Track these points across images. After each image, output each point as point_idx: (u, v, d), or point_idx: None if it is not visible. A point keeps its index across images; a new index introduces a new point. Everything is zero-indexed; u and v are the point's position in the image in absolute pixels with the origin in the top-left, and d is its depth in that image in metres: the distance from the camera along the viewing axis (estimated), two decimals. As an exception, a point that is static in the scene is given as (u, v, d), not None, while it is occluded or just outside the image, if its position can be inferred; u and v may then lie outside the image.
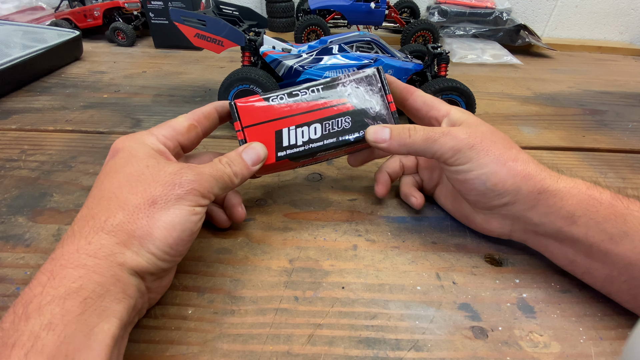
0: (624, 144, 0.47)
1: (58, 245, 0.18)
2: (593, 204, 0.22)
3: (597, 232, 0.22)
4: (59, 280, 0.16)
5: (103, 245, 0.18)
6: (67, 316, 0.15)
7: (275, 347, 0.21)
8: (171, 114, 0.50)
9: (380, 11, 0.82)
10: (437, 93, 0.44)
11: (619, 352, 0.22)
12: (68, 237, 0.18)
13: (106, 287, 0.17)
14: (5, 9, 0.88)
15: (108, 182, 0.20)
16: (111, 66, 0.68)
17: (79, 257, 0.17)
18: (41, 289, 0.16)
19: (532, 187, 0.24)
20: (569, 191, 0.23)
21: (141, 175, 0.20)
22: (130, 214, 0.19)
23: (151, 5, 0.75)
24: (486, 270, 0.27)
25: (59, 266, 0.17)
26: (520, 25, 0.89)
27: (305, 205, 0.33)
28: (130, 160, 0.21)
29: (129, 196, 0.20)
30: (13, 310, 0.16)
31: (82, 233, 0.18)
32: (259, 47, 0.47)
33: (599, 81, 0.72)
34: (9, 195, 0.33)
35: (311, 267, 0.27)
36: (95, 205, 0.20)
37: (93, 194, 0.20)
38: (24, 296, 0.16)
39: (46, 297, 0.16)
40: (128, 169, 0.21)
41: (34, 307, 0.15)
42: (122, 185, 0.20)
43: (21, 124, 0.45)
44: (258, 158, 0.26)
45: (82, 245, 0.18)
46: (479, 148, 0.24)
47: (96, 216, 0.19)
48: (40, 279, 0.17)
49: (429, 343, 0.22)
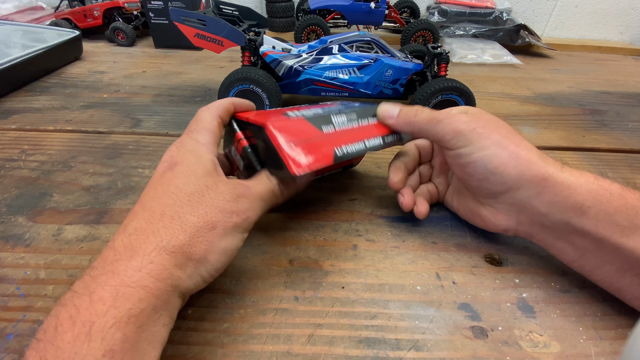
0: (624, 144, 0.47)
1: (113, 256, 0.17)
2: (603, 194, 0.21)
3: (608, 224, 0.21)
4: (122, 301, 0.16)
5: (164, 267, 0.17)
6: (127, 343, 0.15)
7: (275, 347, 0.21)
8: (171, 114, 0.50)
9: (380, 11, 0.82)
10: (437, 93, 0.44)
11: (619, 352, 0.22)
12: (126, 248, 0.18)
13: (160, 312, 0.17)
14: (5, 8, 0.88)
15: (169, 198, 0.20)
16: (111, 66, 0.68)
17: (142, 277, 0.17)
18: (105, 308, 0.15)
19: (537, 173, 0.23)
20: (576, 179, 0.22)
21: (202, 197, 0.20)
22: (191, 236, 0.19)
23: (151, 5, 0.75)
24: (486, 270, 0.27)
25: (122, 285, 0.16)
26: (520, 25, 0.89)
27: (305, 205, 0.33)
28: (191, 178, 0.21)
29: (191, 218, 0.19)
30: (72, 324, 0.15)
31: (144, 250, 0.18)
32: (259, 47, 0.47)
33: (599, 81, 0.72)
34: (9, 195, 0.33)
35: (311, 267, 0.27)
36: (156, 221, 0.19)
37: (152, 207, 0.19)
38: (84, 312, 0.15)
39: (109, 319, 0.15)
40: (189, 187, 0.20)
41: (97, 329, 0.15)
42: (184, 204, 0.20)
43: (21, 124, 0.45)
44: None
45: (145, 264, 0.17)
46: (480, 131, 0.25)
47: (157, 233, 0.18)
48: (103, 296, 0.16)
49: (429, 343, 0.22)
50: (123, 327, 0.15)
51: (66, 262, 0.26)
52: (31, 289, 0.24)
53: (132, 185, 0.35)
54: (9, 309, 0.23)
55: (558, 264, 0.27)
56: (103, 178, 0.36)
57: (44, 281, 0.25)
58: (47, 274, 0.25)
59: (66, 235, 0.29)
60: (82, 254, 0.27)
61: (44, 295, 0.24)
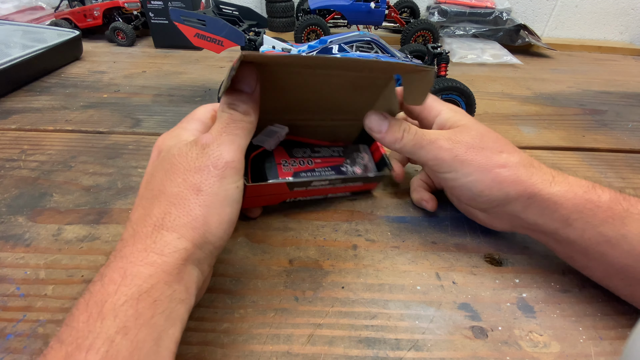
0: (624, 144, 0.47)
1: (121, 245, 0.18)
2: (590, 208, 0.22)
3: (594, 235, 0.22)
4: (131, 279, 0.16)
5: (168, 243, 0.18)
6: (140, 319, 0.15)
7: (275, 347, 0.21)
8: (171, 114, 0.50)
9: (380, 11, 0.82)
10: (437, 93, 0.44)
11: (619, 352, 0.22)
12: (131, 236, 0.18)
13: (173, 286, 0.17)
14: (5, 8, 0.88)
15: (155, 181, 0.20)
16: (111, 66, 0.68)
17: (148, 256, 0.17)
18: (115, 287, 0.16)
19: (522, 192, 0.23)
20: (563, 195, 0.23)
21: (175, 167, 0.20)
22: (183, 207, 0.19)
23: (151, 5, 0.75)
24: (486, 270, 0.27)
25: (130, 263, 0.17)
26: (520, 25, 0.89)
27: (305, 205, 0.33)
28: (170, 157, 0.21)
29: (174, 189, 0.19)
30: (85, 306, 0.15)
31: (145, 232, 0.18)
32: (259, 47, 0.47)
33: (599, 81, 0.72)
34: (9, 195, 0.33)
35: (311, 267, 0.27)
36: (149, 204, 0.19)
37: (144, 194, 0.20)
38: (96, 293, 0.16)
39: (120, 297, 0.15)
40: (166, 164, 0.21)
41: (108, 307, 0.15)
42: (164, 180, 0.20)
43: (21, 124, 0.45)
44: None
45: (149, 244, 0.17)
46: (462, 157, 0.24)
47: (153, 215, 0.19)
48: (113, 277, 0.16)
49: (429, 343, 0.22)
50: (135, 303, 0.15)
51: (66, 262, 0.26)
52: (31, 289, 0.24)
53: (132, 185, 0.35)
54: (9, 309, 0.23)
55: (558, 264, 0.27)
56: (103, 178, 0.36)
57: (43, 281, 0.25)
58: (47, 274, 0.25)
59: (66, 235, 0.29)
60: (82, 254, 0.27)
61: (44, 295, 0.24)
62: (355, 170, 0.31)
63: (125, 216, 0.31)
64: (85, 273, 0.25)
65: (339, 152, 0.32)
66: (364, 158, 0.33)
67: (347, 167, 0.31)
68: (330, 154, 0.31)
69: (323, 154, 0.31)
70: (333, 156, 0.31)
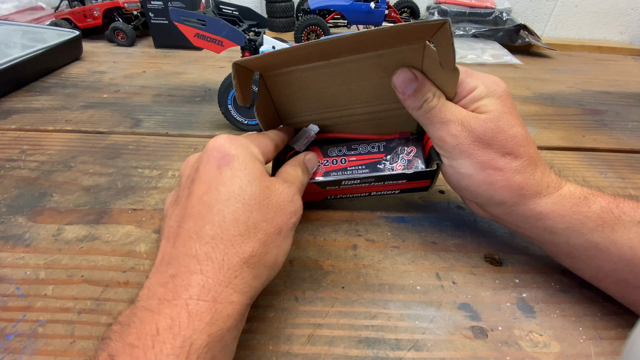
0: (624, 144, 0.47)
1: (197, 263, 0.17)
2: (578, 218, 0.22)
3: (581, 242, 0.22)
4: (217, 318, 0.16)
5: (246, 281, 0.17)
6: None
7: (275, 347, 0.21)
8: (171, 114, 0.50)
9: (380, 11, 0.82)
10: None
11: (618, 352, 0.22)
12: (208, 258, 0.17)
13: (238, 327, 0.17)
14: (5, 8, 0.88)
15: (236, 201, 0.18)
16: (111, 66, 0.68)
17: (229, 294, 0.16)
18: (202, 325, 0.15)
19: (508, 199, 0.23)
20: (549, 207, 0.22)
21: (267, 200, 0.19)
22: (264, 243, 0.18)
23: (151, 5, 0.75)
24: (486, 270, 0.27)
25: (207, 292, 0.16)
26: (520, 25, 0.89)
27: (305, 206, 0.33)
28: (251, 177, 0.19)
29: (262, 224, 0.19)
30: (172, 336, 0.14)
31: (229, 263, 0.17)
32: (259, 47, 0.47)
33: (599, 81, 0.72)
34: (9, 195, 0.33)
35: (311, 267, 0.27)
36: (230, 227, 0.18)
37: (221, 212, 0.18)
38: (184, 326, 0.15)
39: (204, 338, 0.15)
40: (253, 189, 0.19)
41: (194, 348, 0.15)
42: (253, 209, 0.18)
43: (21, 124, 0.45)
44: (313, 167, 0.26)
45: (231, 280, 0.17)
46: (463, 148, 0.23)
47: (236, 243, 0.17)
48: (199, 310, 0.15)
49: (429, 343, 0.22)
50: (214, 345, 0.15)
51: (66, 262, 0.26)
52: (31, 289, 0.24)
53: (132, 185, 0.35)
54: (9, 309, 0.23)
55: (558, 264, 0.27)
56: (103, 178, 0.36)
57: (43, 281, 0.25)
58: (47, 274, 0.25)
59: (66, 235, 0.29)
60: (82, 254, 0.27)
61: (43, 295, 0.24)
62: (395, 167, 0.29)
63: (125, 216, 0.31)
64: (85, 273, 0.25)
65: (380, 147, 0.29)
66: (411, 152, 0.29)
67: (384, 164, 0.29)
68: (369, 150, 0.29)
69: (360, 151, 0.29)
70: (372, 152, 0.29)
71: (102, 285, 0.24)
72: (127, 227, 0.30)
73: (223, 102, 0.44)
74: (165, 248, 0.18)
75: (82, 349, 0.21)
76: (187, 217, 0.18)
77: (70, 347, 0.21)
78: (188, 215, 0.18)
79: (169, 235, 0.18)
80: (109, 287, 0.24)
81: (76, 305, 0.23)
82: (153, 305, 0.15)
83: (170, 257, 0.17)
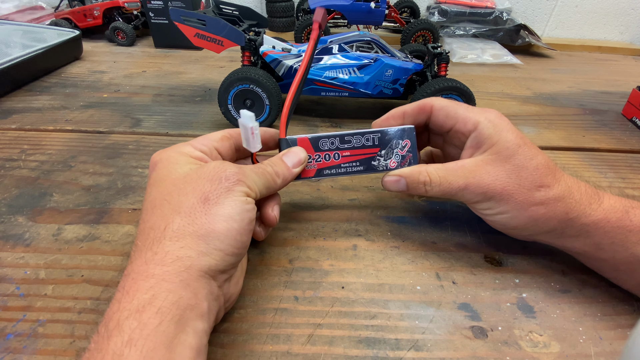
0: (624, 144, 0.47)
1: (128, 263, 0.18)
2: (622, 232, 0.22)
3: (626, 256, 0.22)
4: (132, 293, 0.16)
5: (168, 252, 0.18)
6: (145, 329, 0.15)
7: (275, 347, 0.21)
8: (171, 114, 0.50)
9: (380, 11, 0.81)
10: (437, 93, 0.44)
11: (619, 352, 0.22)
12: (134, 252, 0.19)
13: (178, 293, 0.17)
14: (5, 8, 0.88)
15: (156, 191, 0.21)
16: (111, 66, 0.68)
17: (147, 268, 0.17)
18: (118, 305, 0.16)
19: (556, 226, 0.24)
20: (595, 224, 0.23)
21: (186, 177, 0.21)
22: (187, 215, 0.19)
23: (151, 5, 0.75)
24: (486, 270, 0.27)
25: (131, 280, 0.17)
26: (520, 25, 0.89)
27: (305, 205, 0.33)
28: (173, 167, 0.21)
29: (181, 199, 0.20)
30: (97, 330, 0.16)
31: (146, 245, 0.18)
32: (259, 46, 0.47)
33: (599, 81, 0.72)
34: (9, 195, 0.33)
35: (311, 267, 0.27)
36: (150, 216, 0.20)
37: (145, 207, 0.21)
38: (105, 316, 0.16)
39: (123, 312, 0.16)
40: (172, 175, 0.21)
41: (113, 324, 0.15)
42: (171, 191, 0.20)
43: (21, 124, 0.45)
44: (299, 161, 0.26)
45: (149, 257, 0.18)
46: (498, 198, 0.24)
47: (155, 226, 0.19)
48: (116, 297, 0.17)
49: (429, 343, 0.22)
50: (138, 316, 0.16)
51: (66, 262, 0.26)
52: (31, 289, 0.24)
53: (132, 185, 0.35)
54: (9, 308, 0.23)
55: (558, 264, 0.27)
56: (103, 178, 0.36)
57: (43, 281, 0.25)
58: (47, 273, 0.25)
59: (66, 235, 0.29)
60: (82, 254, 0.27)
61: (43, 295, 0.24)
62: (390, 163, 0.28)
63: (125, 216, 0.31)
64: (85, 273, 0.25)
65: (375, 139, 0.28)
66: (405, 147, 0.28)
67: (379, 161, 0.28)
68: (363, 143, 0.28)
69: (354, 144, 0.28)
70: (366, 146, 0.28)
71: (102, 285, 0.24)
72: (127, 226, 0.30)
73: (223, 102, 0.44)
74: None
75: (82, 349, 0.21)
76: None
77: (70, 347, 0.21)
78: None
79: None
80: (109, 287, 0.24)
81: (76, 305, 0.23)
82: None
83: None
